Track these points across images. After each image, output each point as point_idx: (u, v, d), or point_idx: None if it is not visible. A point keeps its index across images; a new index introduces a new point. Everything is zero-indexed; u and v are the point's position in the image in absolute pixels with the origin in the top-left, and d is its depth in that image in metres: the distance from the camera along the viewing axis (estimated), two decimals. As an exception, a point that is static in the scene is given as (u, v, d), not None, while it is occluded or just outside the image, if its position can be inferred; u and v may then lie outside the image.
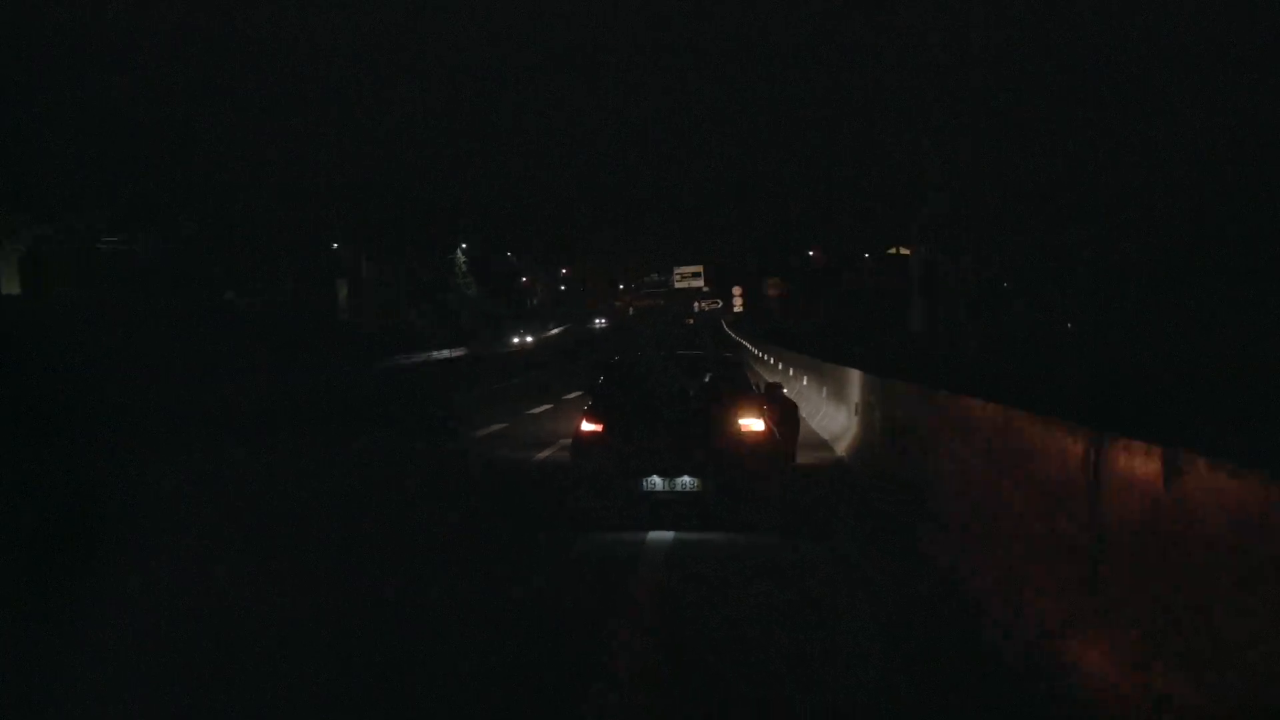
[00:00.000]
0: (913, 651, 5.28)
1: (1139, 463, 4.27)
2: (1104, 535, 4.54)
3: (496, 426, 17.47)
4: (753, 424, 8.65)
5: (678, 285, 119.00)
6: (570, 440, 9.56)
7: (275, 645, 5.35)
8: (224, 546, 7.74)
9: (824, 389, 17.52)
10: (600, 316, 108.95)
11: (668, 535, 7.96)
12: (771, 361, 30.08)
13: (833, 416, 15.38)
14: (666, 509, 8.34)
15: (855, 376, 13.42)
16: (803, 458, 11.43)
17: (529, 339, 73.32)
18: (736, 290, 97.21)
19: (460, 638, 5.51)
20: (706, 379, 9.97)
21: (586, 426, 8.76)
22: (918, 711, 4.49)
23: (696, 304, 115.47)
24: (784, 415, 10.30)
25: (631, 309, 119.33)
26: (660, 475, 8.36)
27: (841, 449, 12.98)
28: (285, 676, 4.87)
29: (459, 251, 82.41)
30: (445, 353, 53.16)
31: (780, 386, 10.85)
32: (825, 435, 14.72)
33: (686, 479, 8.35)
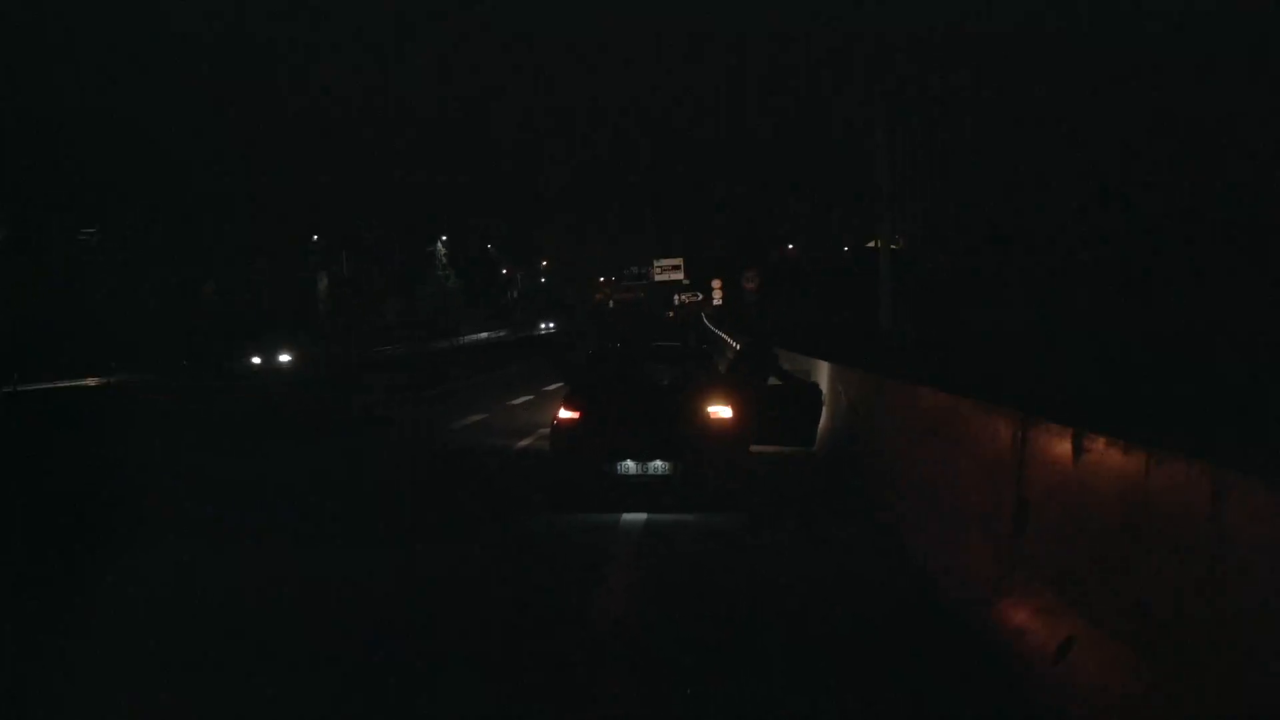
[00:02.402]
0: (865, 613, 5.80)
1: (1055, 441, 4.81)
2: (1026, 502, 5.09)
3: (477, 417, 17.90)
4: (721, 410, 9.15)
5: (658, 278, 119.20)
6: (548, 429, 10.03)
7: (257, 630, 5.71)
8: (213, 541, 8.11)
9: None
10: (549, 319, 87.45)
11: (641, 516, 8.45)
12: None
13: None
14: (640, 491, 8.83)
15: (824, 367, 13.95)
16: (770, 445, 11.91)
17: (285, 358, 36.68)
18: (716, 284, 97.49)
19: (439, 612, 5.94)
20: (680, 369, 10.48)
21: (564, 413, 9.24)
22: (863, 663, 4.99)
23: (677, 297, 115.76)
24: (800, 399, 10.97)
25: (611, 302, 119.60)
26: (633, 459, 8.85)
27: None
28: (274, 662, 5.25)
29: (439, 244, 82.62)
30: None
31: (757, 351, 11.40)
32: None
33: (658, 463, 8.85)
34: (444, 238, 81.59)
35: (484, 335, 68.19)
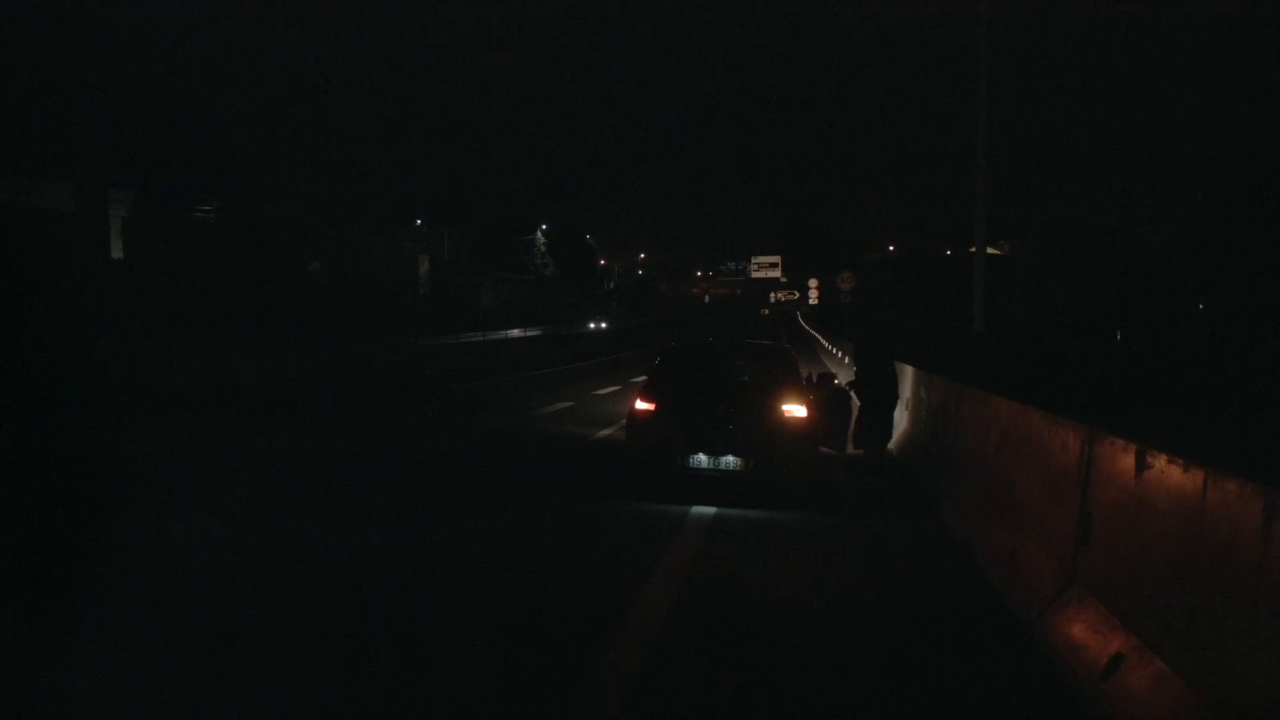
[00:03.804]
0: (923, 617, 5.79)
1: (1119, 456, 4.74)
2: (1090, 515, 5.02)
3: (561, 405, 18.18)
4: (795, 410, 9.17)
5: (754, 275, 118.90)
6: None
7: (339, 592, 6.05)
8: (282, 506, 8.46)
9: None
10: (600, 319, 71.70)
11: (710, 510, 8.53)
12: (839, 355, 30.43)
13: (888, 410, 15.76)
14: (711, 485, 8.91)
15: (910, 372, 13.82)
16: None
17: None
18: (813, 282, 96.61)
19: (514, 587, 6.13)
20: (759, 366, 10.50)
21: (641, 405, 9.37)
22: (915, 665, 4.99)
23: (773, 294, 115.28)
24: (834, 403, 10.82)
25: (707, 297, 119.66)
26: (706, 453, 8.93)
27: (890, 441, 13.39)
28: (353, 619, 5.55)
29: (539, 232, 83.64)
30: None
31: (832, 376, 11.33)
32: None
33: (730, 458, 8.91)
34: (544, 226, 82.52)
35: (514, 333, 54.84)
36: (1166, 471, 4.19)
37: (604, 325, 69.51)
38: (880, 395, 11.05)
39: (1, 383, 11.43)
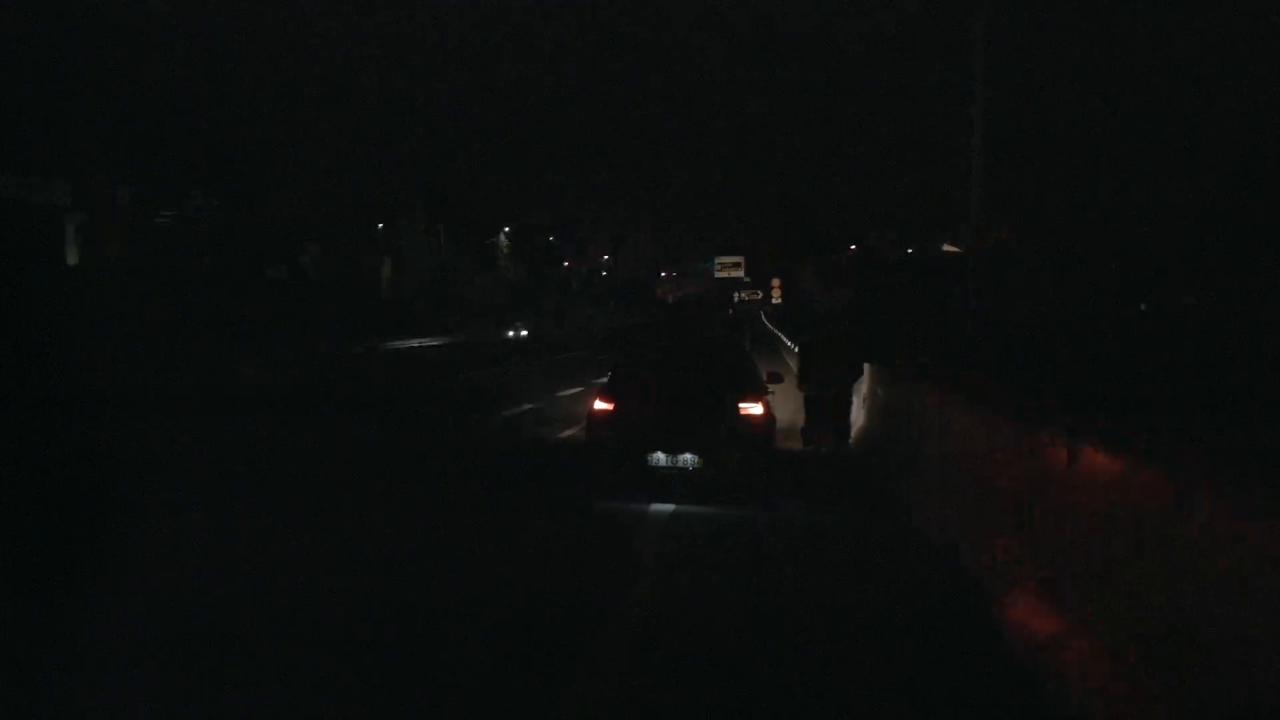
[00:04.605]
0: (880, 605, 5.92)
1: (1054, 444, 4.95)
2: (1028, 503, 5.24)
3: (527, 406, 18.26)
4: (752, 407, 9.35)
5: (718, 275, 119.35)
6: None
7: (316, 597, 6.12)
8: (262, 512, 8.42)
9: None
10: (516, 324, 55.07)
11: (669, 507, 8.65)
12: (797, 351, 30.78)
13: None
14: (669, 482, 9.06)
15: (865, 368, 14.05)
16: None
17: None
18: (775, 282, 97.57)
19: (474, 586, 6.20)
20: (715, 365, 10.67)
21: (599, 405, 9.51)
22: (875, 653, 5.10)
23: (737, 294, 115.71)
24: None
25: (671, 298, 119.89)
26: (664, 451, 9.09)
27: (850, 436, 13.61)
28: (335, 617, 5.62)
29: (502, 235, 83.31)
30: None
31: (780, 377, 11.50)
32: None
33: (688, 456, 9.07)
34: (506, 229, 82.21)
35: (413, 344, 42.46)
36: (1094, 458, 4.40)
37: (524, 334, 53.41)
38: (824, 391, 11.29)
39: (2, 382, 11.31)
